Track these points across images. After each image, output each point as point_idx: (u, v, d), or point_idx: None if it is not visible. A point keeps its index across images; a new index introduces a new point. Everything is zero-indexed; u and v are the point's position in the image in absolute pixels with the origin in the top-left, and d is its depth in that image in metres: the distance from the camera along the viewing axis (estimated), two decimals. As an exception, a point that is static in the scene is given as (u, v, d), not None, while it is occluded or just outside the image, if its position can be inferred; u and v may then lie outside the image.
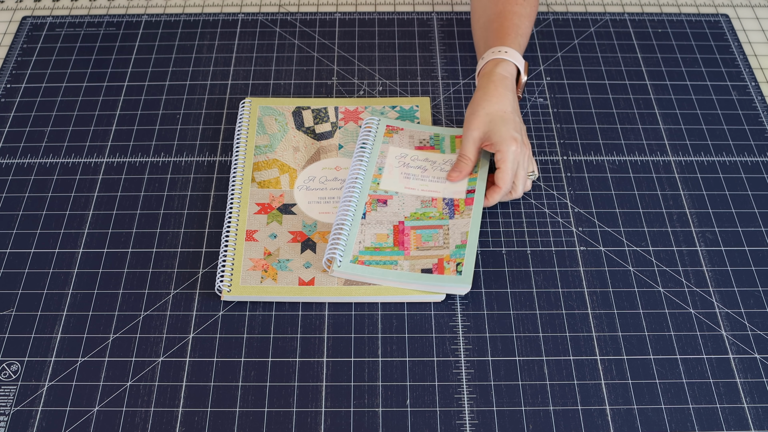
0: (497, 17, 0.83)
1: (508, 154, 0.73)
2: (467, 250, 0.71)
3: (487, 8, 0.85)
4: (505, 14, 0.82)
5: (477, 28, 0.87)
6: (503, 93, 0.76)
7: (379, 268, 0.70)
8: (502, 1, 0.84)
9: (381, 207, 0.74)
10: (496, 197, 0.75)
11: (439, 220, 0.73)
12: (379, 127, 0.81)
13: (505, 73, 0.77)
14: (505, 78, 0.77)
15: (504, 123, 0.74)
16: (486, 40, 0.82)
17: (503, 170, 0.73)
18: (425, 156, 0.79)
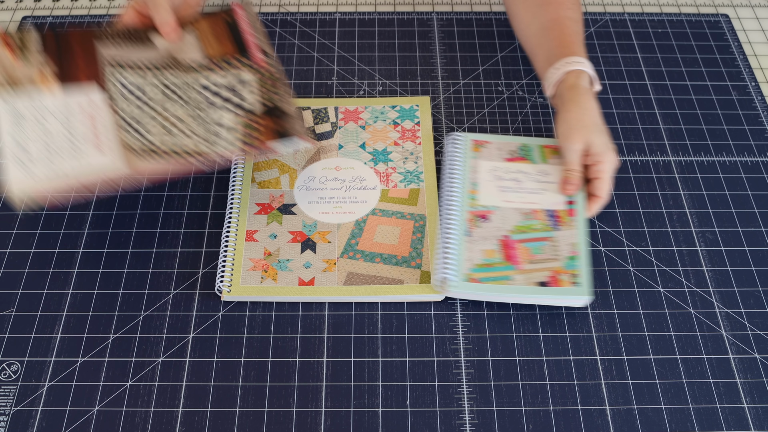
0: (554, 24, 0.81)
1: (608, 165, 0.74)
2: (581, 261, 0.70)
3: (538, 15, 0.83)
4: (561, 20, 0.81)
5: (530, 35, 0.84)
6: (594, 105, 0.76)
7: (494, 284, 0.69)
8: (553, 6, 0.82)
9: (483, 222, 0.73)
10: (598, 208, 0.75)
11: (545, 231, 0.73)
12: (466, 143, 0.80)
13: (586, 84, 0.77)
14: (588, 90, 0.77)
15: (601, 134, 0.75)
16: (549, 49, 0.80)
17: (604, 180, 0.74)
18: (517, 167, 0.78)
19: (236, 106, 0.70)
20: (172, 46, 0.73)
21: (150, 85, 0.71)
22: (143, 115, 0.70)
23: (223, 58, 0.73)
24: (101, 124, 0.70)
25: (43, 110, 0.70)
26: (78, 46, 0.74)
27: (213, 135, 0.69)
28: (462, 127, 0.86)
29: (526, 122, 0.86)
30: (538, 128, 0.86)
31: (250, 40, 0.75)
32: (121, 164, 0.68)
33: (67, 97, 0.71)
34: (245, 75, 0.72)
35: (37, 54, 0.72)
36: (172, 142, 0.69)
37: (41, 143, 0.69)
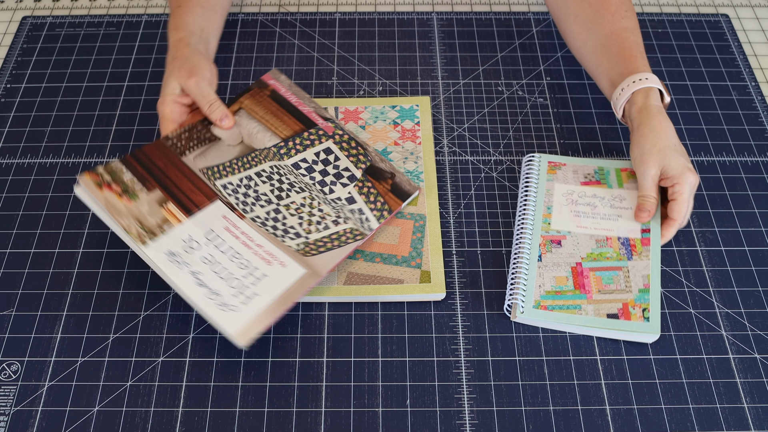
0: (611, 39, 0.79)
1: (685, 186, 0.71)
2: (652, 295, 0.69)
3: (594, 30, 0.81)
4: (619, 33, 0.79)
5: (588, 54, 0.82)
6: (667, 125, 0.74)
7: (563, 313, 0.68)
8: (608, 18, 0.80)
9: (556, 248, 0.72)
10: (673, 231, 0.73)
11: (618, 261, 0.71)
12: (541, 164, 0.79)
13: (658, 103, 0.75)
14: (661, 109, 0.75)
15: (678, 155, 0.72)
16: (611, 67, 0.79)
17: (680, 202, 0.72)
18: (593, 192, 0.76)
19: (340, 177, 0.71)
20: (244, 137, 0.75)
21: (255, 180, 0.71)
22: (271, 213, 0.70)
23: (297, 135, 0.75)
24: (252, 237, 0.69)
25: (193, 245, 0.67)
26: (162, 162, 0.73)
27: (346, 212, 0.70)
28: (462, 126, 0.86)
29: (526, 122, 0.86)
30: (538, 128, 0.86)
31: (305, 109, 0.77)
32: (304, 267, 0.68)
33: (204, 223, 0.69)
34: (326, 145, 0.74)
35: (135, 184, 0.70)
36: (320, 234, 0.70)
37: (220, 280, 0.66)
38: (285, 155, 0.73)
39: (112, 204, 0.68)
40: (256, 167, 0.72)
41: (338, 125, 0.77)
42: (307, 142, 0.75)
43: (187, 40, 0.78)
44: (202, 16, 0.82)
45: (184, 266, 0.66)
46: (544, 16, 0.99)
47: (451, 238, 0.76)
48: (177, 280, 0.65)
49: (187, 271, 0.65)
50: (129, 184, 0.70)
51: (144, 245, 0.66)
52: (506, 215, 0.78)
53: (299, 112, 0.78)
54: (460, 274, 0.74)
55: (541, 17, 0.98)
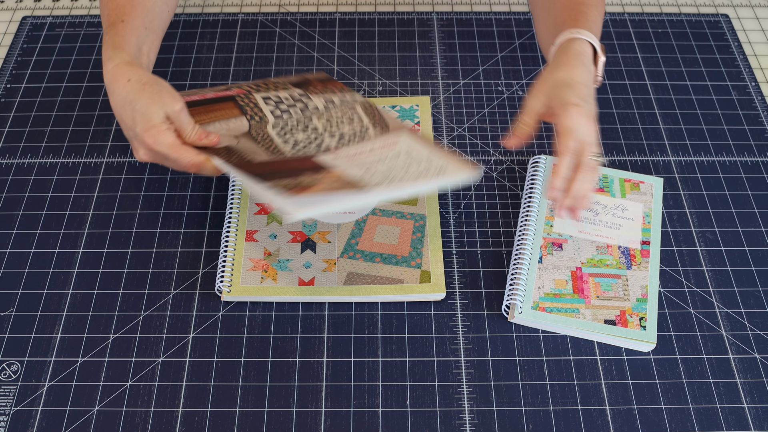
0: (564, 9, 0.77)
1: (567, 118, 0.65)
2: (649, 306, 0.69)
3: (552, 5, 0.79)
4: (572, 5, 0.76)
5: (542, 25, 0.81)
6: (576, 64, 0.69)
7: (561, 315, 0.69)
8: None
9: (556, 251, 0.73)
10: (562, 166, 0.65)
11: (617, 269, 0.72)
12: (546, 165, 0.79)
13: (580, 48, 0.71)
14: (580, 53, 0.70)
15: (569, 89, 0.67)
16: (556, 30, 0.75)
17: (562, 133, 0.65)
18: (596, 199, 0.77)
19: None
20: (224, 137, 0.74)
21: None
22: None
23: (239, 107, 0.78)
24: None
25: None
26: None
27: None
28: (462, 126, 0.86)
29: (526, 122, 0.86)
30: (538, 128, 0.86)
31: (211, 94, 0.79)
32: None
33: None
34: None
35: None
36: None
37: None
38: (259, 120, 0.75)
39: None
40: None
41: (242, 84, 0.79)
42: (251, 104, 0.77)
43: (134, 66, 0.70)
44: (144, 38, 0.74)
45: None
46: (544, 16, 0.99)
47: (451, 238, 0.76)
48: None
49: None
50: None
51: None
52: (506, 215, 0.78)
53: (215, 98, 0.78)
54: (460, 274, 0.74)
55: (541, 17, 0.98)
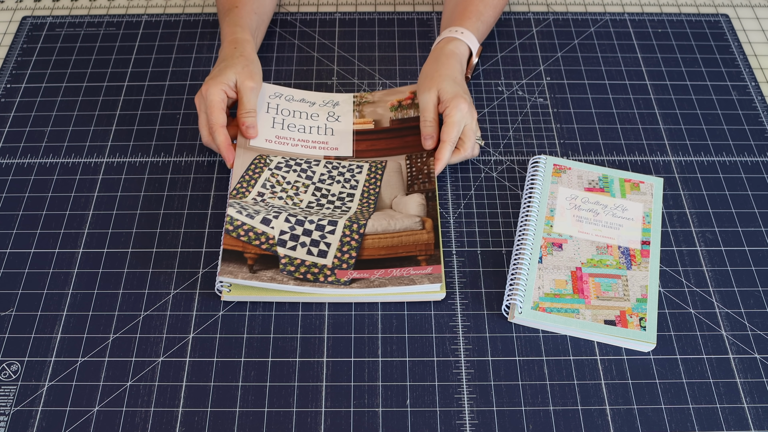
0: (461, 2, 0.87)
1: (456, 110, 0.77)
2: (649, 306, 0.69)
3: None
4: (472, 0, 0.87)
5: (445, 11, 0.91)
6: (453, 63, 0.81)
7: (561, 315, 0.69)
8: None
9: (556, 251, 0.73)
10: (446, 153, 0.77)
11: (617, 269, 0.72)
12: (546, 166, 0.80)
13: (456, 50, 0.82)
14: (454, 53, 0.82)
15: (454, 83, 0.79)
16: (447, 21, 0.87)
17: (450, 123, 0.77)
18: (596, 199, 0.77)
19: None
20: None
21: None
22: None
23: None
24: (295, 149, 0.79)
25: (334, 117, 0.82)
26: (405, 143, 0.81)
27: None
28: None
29: (526, 122, 0.86)
30: (538, 128, 0.86)
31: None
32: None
33: (341, 134, 0.82)
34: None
35: (400, 115, 0.83)
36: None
37: (297, 118, 0.80)
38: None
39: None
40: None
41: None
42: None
43: (251, 43, 0.82)
44: (256, 22, 0.87)
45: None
46: (543, 16, 0.99)
47: (451, 238, 0.76)
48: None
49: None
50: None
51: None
52: (506, 215, 0.78)
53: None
54: (460, 274, 0.74)
55: (541, 17, 0.98)
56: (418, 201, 0.75)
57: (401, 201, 0.75)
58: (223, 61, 0.79)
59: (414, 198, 0.75)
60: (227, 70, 0.78)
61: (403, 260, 0.71)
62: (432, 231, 0.72)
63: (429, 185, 0.76)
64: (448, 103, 0.77)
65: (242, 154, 0.78)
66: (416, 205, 0.75)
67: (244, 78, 0.78)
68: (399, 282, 0.69)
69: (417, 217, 0.73)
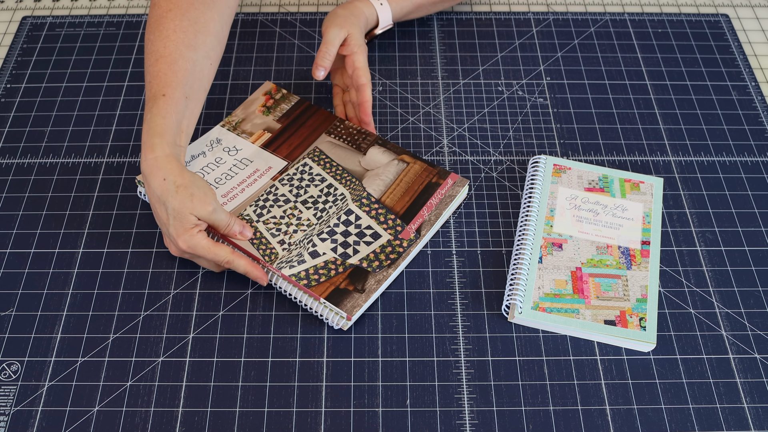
0: None
1: (363, 56, 0.81)
2: (649, 306, 0.69)
3: None
4: None
5: None
6: (363, 20, 0.84)
7: (561, 316, 0.68)
8: None
9: (556, 251, 0.73)
10: (369, 93, 0.81)
11: (617, 269, 0.72)
12: (546, 166, 0.79)
13: (366, 12, 0.84)
14: (363, 14, 0.84)
15: (361, 35, 0.82)
16: None
17: (363, 68, 0.80)
18: (596, 199, 0.77)
19: (362, 236, 0.74)
20: (367, 171, 0.78)
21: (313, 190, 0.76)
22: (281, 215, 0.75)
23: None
24: (247, 191, 0.76)
25: (232, 149, 0.80)
26: (310, 126, 0.82)
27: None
28: (462, 126, 0.86)
29: (526, 122, 0.86)
30: (538, 128, 0.86)
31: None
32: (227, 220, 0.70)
33: (256, 155, 0.79)
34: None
35: (279, 113, 0.83)
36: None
37: (214, 171, 0.78)
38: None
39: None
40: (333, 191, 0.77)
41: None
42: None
43: (178, 159, 0.68)
44: (184, 110, 0.70)
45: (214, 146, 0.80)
46: (543, 16, 0.99)
47: (451, 238, 0.76)
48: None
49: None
50: (276, 110, 0.78)
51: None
52: (506, 215, 0.78)
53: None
54: (460, 274, 0.74)
55: (541, 17, 0.98)
56: (379, 152, 0.78)
57: (367, 160, 0.78)
58: (164, 203, 0.66)
59: (373, 152, 0.78)
60: (183, 214, 0.66)
61: (425, 192, 0.75)
62: (417, 159, 0.77)
63: (371, 136, 0.80)
64: (356, 48, 0.80)
65: (238, 242, 0.73)
66: (380, 154, 0.78)
67: (201, 208, 0.67)
68: (445, 203, 0.75)
69: (394, 161, 0.77)
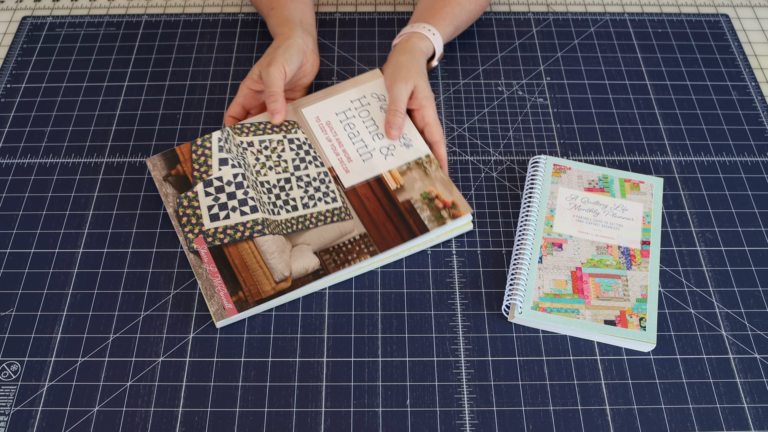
0: (441, 1, 0.87)
1: (433, 110, 0.79)
2: (649, 306, 0.69)
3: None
4: (449, 1, 0.87)
5: (420, 3, 0.90)
6: (423, 62, 0.82)
7: (561, 316, 0.68)
8: None
9: (556, 251, 0.73)
10: (444, 150, 0.79)
11: (617, 269, 0.72)
12: (546, 166, 0.79)
13: (425, 49, 0.83)
14: (423, 52, 0.83)
15: (427, 84, 0.80)
16: (421, 14, 0.86)
17: (434, 123, 0.78)
18: (596, 199, 0.77)
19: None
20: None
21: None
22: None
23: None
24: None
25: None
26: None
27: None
28: (462, 126, 0.86)
29: (526, 122, 0.86)
30: (538, 128, 0.86)
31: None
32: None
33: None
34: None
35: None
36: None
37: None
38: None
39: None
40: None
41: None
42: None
43: (289, 34, 0.81)
44: (299, 10, 0.86)
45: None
46: (543, 16, 0.99)
47: (451, 239, 0.76)
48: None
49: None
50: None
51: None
52: (506, 215, 0.78)
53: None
54: (460, 274, 0.74)
55: (541, 17, 0.98)
56: (311, 256, 0.72)
57: (301, 250, 0.72)
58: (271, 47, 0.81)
59: (308, 253, 0.72)
60: (254, 66, 0.80)
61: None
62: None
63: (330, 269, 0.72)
64: (425, 102, 0.78)
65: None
66: (308, 259, 0.72)
67: (263, 65, 0.78)
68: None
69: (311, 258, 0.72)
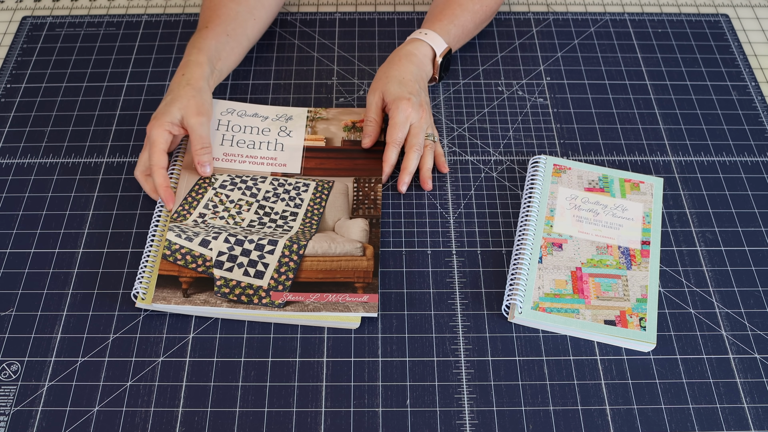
0: (443, 3, 0.87)
1: (397, 111, 0.77)
2: (649, 306, 0.69)
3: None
4: (451, 3, 0.87)
5: (429, 10, 0.90)
6: (405, 64, 0.81)
7: (561, 316, 0.68)
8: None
9: (556, 251, 0.73)
10: (390, 154, 0.77)
11: (617, 269, 0.72)
12: (546, 166, 0.79)
13: (414, 51, 0.82)
14: (412, 54, 0.82)
15: (400, 85, 0.78)
16: (424, 22, 0.87)
17: (392, 125, 0.77)
18: (596, 199, 0.77)
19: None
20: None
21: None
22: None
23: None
24: (240, 166, 0.79)
25: (284, 132, 0.82)
26: (355, 164, 0.80)
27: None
28: (462, 126, 0.86)
29: (526, 122, 0.86)
30: (538, 128, 0.86)
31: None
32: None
33: (292, 149, 0.81)
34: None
35: (353, 136, 0.83)
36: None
37: (244, 134, 0.80)
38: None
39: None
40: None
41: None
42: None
43: (203, 69, 0.78)
44: (225, 44, 0.82)
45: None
46: (543, 16, 0.99)
47: (451, 238, 0.76)
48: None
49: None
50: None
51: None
52: (506, 215, 0.78)
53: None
54: (460, 274, 0.74)
55: (541, 17, 0.98)
56: (362, 226, 0.74)
57: (344, 224, 0.74)
58: (169, 94, 0.76)
59: (357, 222, 0.74)
60: (171, 107, 0.74)
61: (339, 285, 0.70)
62: (372, 258, 0.71)
63: (374, 211, 0.75)
64: (391, 105, 0.77)
65: (187, 175, 0.77)
66: (359, 230, 0.73)
67: (190, 114, 0.74)
68: (334, 308, 0.68)
69: (359, 243, 0.72)
